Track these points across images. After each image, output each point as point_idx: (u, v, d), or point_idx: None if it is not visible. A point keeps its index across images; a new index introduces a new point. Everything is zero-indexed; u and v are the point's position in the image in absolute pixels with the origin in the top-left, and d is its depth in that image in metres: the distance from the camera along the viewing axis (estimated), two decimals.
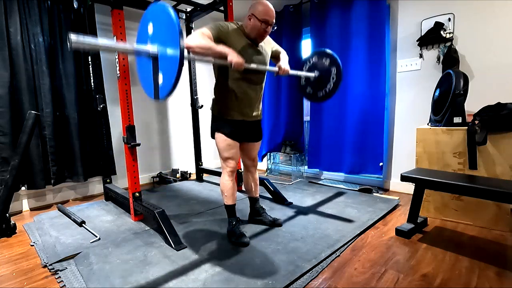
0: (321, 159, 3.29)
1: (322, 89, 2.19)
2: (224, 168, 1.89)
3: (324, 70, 2.16)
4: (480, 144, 1.91)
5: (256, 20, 1.70)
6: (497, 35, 2.26)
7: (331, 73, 2.12)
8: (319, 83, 2.19)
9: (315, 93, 2.25)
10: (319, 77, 2.18)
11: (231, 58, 1.57)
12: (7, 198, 2.12)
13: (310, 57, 2.23)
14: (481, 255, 1.65)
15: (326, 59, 2.14)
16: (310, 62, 2.22)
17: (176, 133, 3.89)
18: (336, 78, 2.10)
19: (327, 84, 2.15)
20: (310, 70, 2.22)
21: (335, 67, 2.10)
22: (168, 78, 1.24)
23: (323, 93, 2.20)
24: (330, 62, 2.12)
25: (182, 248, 1.79)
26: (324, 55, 2.15)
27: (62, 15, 2.76)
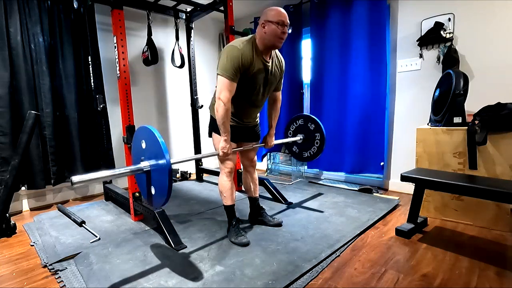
0: (321, 159, 3.28)
1: (307, 151, 2.45)
2: (222, 168, 1.89)
3: (308, 134, 2.40)
4: (480, 144, 1.91)
5: (272, 25, 1.64)
6: (497, 35, 2.26)
7: (315, 138, 2.35)
8: (304, 144, 2.45)
9: (300, 153, 2.51)
10: (304, 140, 2.43)
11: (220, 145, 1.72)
12: (7, 198, 2.12)
13: (295, 120, 2.48)
14: (481, 255, 1.65)
15: (311, 124, 2.38)
16: (296, 123, 2.47)
17: (176, 133, 3.89)
18: (320, 143, 2.35)
19: (311, 147, 2.41)
20: (297, 132, 2.47)
21: (319, 134, 2.34)
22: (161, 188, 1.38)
23: (307, 155, 2.46)
24: (315, 128, 2.36)
25: (182, 248, 1.79)
26: (309, 120, 2.38)
27: (62, 15, 2.76)
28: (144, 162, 1.44)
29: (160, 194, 1.40)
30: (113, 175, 1.41)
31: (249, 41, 1.70)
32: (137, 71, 3.44)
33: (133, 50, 3.28)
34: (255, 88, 1.76)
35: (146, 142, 1.43)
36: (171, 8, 3.14)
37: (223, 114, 1.65)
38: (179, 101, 3.85)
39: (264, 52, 1.72)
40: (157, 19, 3.48)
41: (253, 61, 1.67)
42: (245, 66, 1.65)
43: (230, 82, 1.63)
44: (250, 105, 1.84)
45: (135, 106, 2.33)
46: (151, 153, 1.40)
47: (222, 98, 1.63)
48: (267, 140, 2.05)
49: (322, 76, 3.21)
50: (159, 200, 1.42)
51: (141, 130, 1.48)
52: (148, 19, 3.03)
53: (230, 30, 2.76)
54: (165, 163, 1.31)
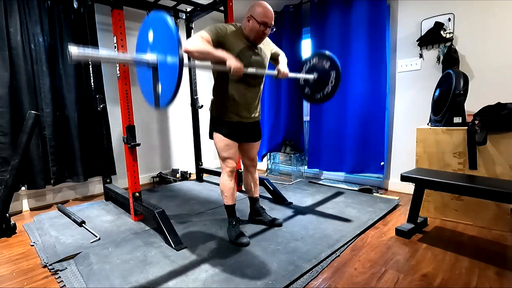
0: (321, 159, 3.29)
1: (320, 91, 2.21)
2: (224, 168, 1.88)
3: (323, 73, 2.17)
4: (480, 144, 1.91)
5: (255, 22, 1.69)
6: (497, 35, 2.26)
7: (330, 76, 2.14)
8: (317, 85, 2.21)
9: (313, 95, 2.27)
10: (318, 79, 2.19)
11: (230, 63, 1.57)
12: (7, 198, 2.12)
13: (311, 58, 2.24)
14: (481, 255, 1.65)
15: (326, 62, 2.15)
16: (310, 63, 2.23)
17: (176, 133, 3.89)
18: (335, 82, 2.12)
19: (325, 87, 2.17)
20: (310, 71, 2.22)
21: (334, 71, 2.11)
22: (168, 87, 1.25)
23: (320, 95, 2.22)
24: (331, 65, 2.13)
25: (182, 248, 1.79)
26: (325, 57, 2.16)
27: (62, 15, 2.76)
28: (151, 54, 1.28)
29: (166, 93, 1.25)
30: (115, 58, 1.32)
31: (234, 24, 1.80)
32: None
33: (133, 50, 3.28)
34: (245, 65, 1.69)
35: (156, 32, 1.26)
36: (171, 8, 3.15)
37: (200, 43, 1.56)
38: (179, 101, 3.85)
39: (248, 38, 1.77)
40: None
41: (235, 35, 1.73)
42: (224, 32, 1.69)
43: (206, 33, 1.63)
44: (245, 84, 1.79)
45: (135, 106, 2.33)
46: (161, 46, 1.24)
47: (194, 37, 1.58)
48: (279, 68, 1.89)
49: None
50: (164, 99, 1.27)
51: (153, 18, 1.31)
52: None
53: None
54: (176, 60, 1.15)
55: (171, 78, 1.21)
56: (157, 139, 3.71)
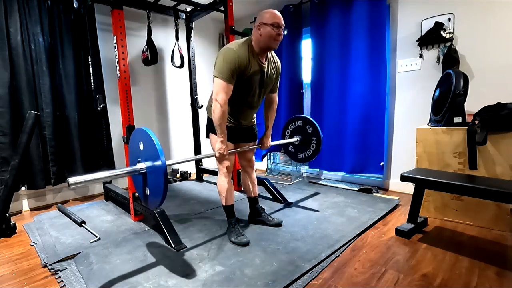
0: (321, 159, 3.28)
1: (302, 152, 2.46)
2: (220, 169, 1.89)
3: (306, 136, 2.40)
4: (480, 144, 1.91)
5: (266, 26, 1.66)
6: (497, 35, 2.26)
7: (312, 141, 2.35)
8: (300, 146, 2.46)
9: (296, 153, 2.52)
10: (301, 143, 2.43)
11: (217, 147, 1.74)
12: (7, 198, 2.12)
13: (295, 120, 2.47)
14: (481, 255, 1.65)
15: (309, 128, 2.37)
16: (295, 124, 2.47)
17: (176, 133, 3.89)
18: (316, 147, 2.35)
19: (307, 149, 2.42)
20: (294, 133, 2.47)
21: (316, 138, 2.34)
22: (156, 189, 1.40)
23: (302, 156, 2.47)
24: (313, 131, 2.35)
25: (182, 248, 1.79)
26: (308, 123, 2.37)
27: (62, 15, 2.76)
28: (140, 163, 1.45)
29: (155, 195, 1.41)
30: (109, 177, 1.41)
31: (245, 43, 1.71)
32: (137, 71, 3.44)
33: (133, 50, 3.28)
34: (251, 90, 1.78)
35: (144, 143, 1.44)
36: (171, 8, 3.14)
37: (220, 115, 1.66)
38: (179, 101, 3.85)
39: (260, 54, 1.74)
40: (157, 19, 3.48)
41: (249, 63, 1.69)
42: (241, 68, 1.66)
43: (226, 84, 1.64)
44: (246, 106, 1.86)
45: (135, 106, 2.33)
46: (148, 155, 1.42)
47: (219, 100, 1.65)
48: (264, 141, 2.05)
49: (322, 76, 3.21)
50: (154, 201, 1.44)
51: (138, 132, 1.50)
52: (148, 19, 3.03)
53: (230, 30, 2.76)
54: (161, 165, 1.33)
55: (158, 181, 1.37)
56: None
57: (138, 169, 1.44)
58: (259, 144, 2.07)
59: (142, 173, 1.45)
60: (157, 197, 1.39)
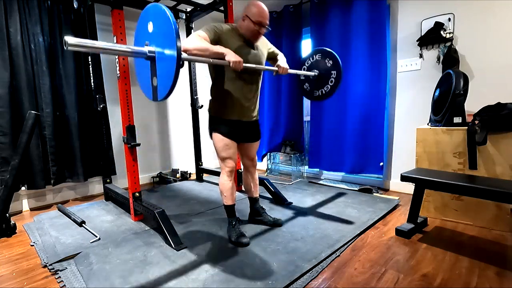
0: (321, 159, 3.29)
1: (319, 89, 2.25)
2: (223, 168, 1.89)
3: (324, 71, 2.18)
4: (480, 144, 1.91)
5: (250, 22, 1.72)
6: (497, 35, 2.26)
7: (331, 76, 2.16)
8: (317, 82, 2.23)
9: (311, 91, 2.30)
10: (318, 77, 2.22)
11: (229, 58, 1.59)
12: (7, 198, 2.12)
13: (313, 54, 2.25)
14: (481, 255, 1.65)
15: (329, 61, 2.16)
16: (313, 59, 2.25)
17: (176, 133, 3.89)
18: (335, 82, 2.14)
19: (324, 85, 2.20)
20: (312, 67, 2.23)
21: (335, 71, 2.13)
22: (166, 79, 1.25)
23: (319, 94, 2.26)
24: (332, 64, 2.15)
25: (182, 248, 1.79)
26: (328, 56, 2.17)
27: (62, 15, 2.76)
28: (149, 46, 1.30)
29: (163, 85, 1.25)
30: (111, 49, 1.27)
31: (228, 23, 1.81)
32: None
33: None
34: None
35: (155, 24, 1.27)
36: (171, 8, 3.14)
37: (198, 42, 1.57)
38: (179, 101, 3.85)
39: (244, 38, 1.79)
40: None
41: (231, 34, 1.74)
42: (221, 30, 1.71)
43: (202, 32, 1.65)
44: (243, 81, 1.80)
45: (135, 106, 2.33)
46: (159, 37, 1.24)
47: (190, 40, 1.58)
48: (279, 65, 1.91)
49: None
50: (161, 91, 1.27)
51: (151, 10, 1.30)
52: None
53: None
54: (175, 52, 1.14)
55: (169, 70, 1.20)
56: (157, 139, 3.71)
57: (146, 51, 1.26)
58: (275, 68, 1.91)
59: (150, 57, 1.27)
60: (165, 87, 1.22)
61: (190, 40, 1.59)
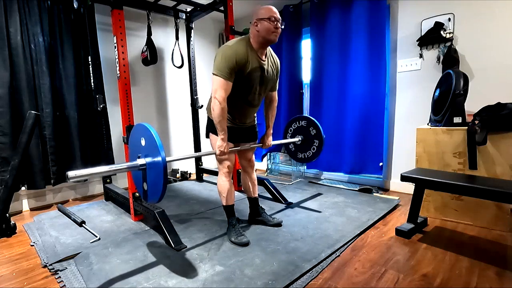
0: (321, 159, 3.28)
1: (302, 153, 2.46)
2: (220, 169, 1.89)
3: (308, 138, 2.39)
4: (480, 144, 1.91)
5: (264, 21, 1.68)
6: (497, 35, 2.26)
7: (313, 143, 2.34)
8: (301, 146, 2.45)
9: (296, 152, 2.51)
10: (302, 141, 2.42)
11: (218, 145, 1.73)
12: (7, 198, 2.12)
13: (300, 120, 2.44)
14: (481, 255, 1.65)
15: (312, 130, 2.36)
16: (299, 123, 2.45)
17: (176, 133, 3.89)
18: (317, 149, 2.35)
19: (307, 150, 2.41)
20: (297, 131, 2.45)
21: (318, 141, 2.33)
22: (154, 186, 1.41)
23: (302, 156, 2.47)
24: (316, 134, 2.34)
25: (182, 248, 1.79)
26: (312, 125, 2.36)
27: (62, 15, 2.76)
28: (140, 159, 1.45)
29: (154, 191, 1.40)
30: (108, 171, 1.41)
31: (243, 40, 1.73)
32: (137, 71, 3.44)
33: (133, 50, 3.28)
34: (252, 87, 1.77)
35: (145, 139, 1.44)
36: (171, 8, 3.14)
37: (219, 113, 1.66)
38: (179, 101, 3.85)
39: (259, 51, 1.74)
40: (157, 19, 3.48)
41: (247, 59, 1.69)
42: (239, 64, 1.66)
43: (225, 81, 1.64)
44: (246, 104, 1.85)
45: (135, 106, 2.33)
46: (148, 150, 1.42)
47: (218, 97, 1.64)
48: (265, 140, 2.04)
49: (322, 76, 3.21)
50: (152, 196, 1.44)
51: (139, 127, 1.49)
52: (148, 19, 3.03)
53: (230, 30, 2.76)
54: (160, 161, 1.32)
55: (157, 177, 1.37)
56: None
57: (138, 164, 1.44)
58: (260, 143, 2.06)
59: (142, 168, 1.45)
60: (156, 193, 1.39)
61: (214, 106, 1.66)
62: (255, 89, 1.79)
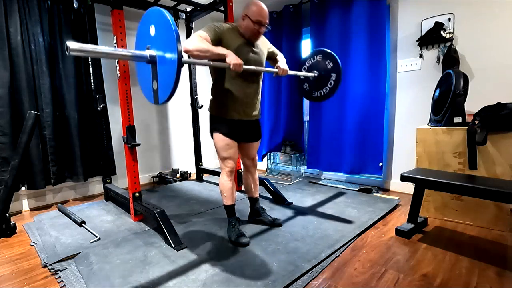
0: (321, 159, 3.28)
1: (317, 90, 2.25)
2: (223, 168, 1.89)
3: (324, 73, 2.18)
4: (480, 144, 1.91)
5: (249, 21, 1.72)
6: (497, 35, 2.26)
7: (330, 78, 2.16)
8: (316, 83, 2.23)
9: (310, 91, 2.31)
10: (318, 79, 2.22)
11: (230, 60, 1.59)
12: (7, 198, 2.12)
13: (314, 54, 2.25)
14: (481, 255, 1.65)
15: (329, 63, 2.16)
16: (314, 59, 2.24)
17: (176, 133, 3.89)
18: (334, 84, 2.15)
19: (323, 87, 2.21)
20: (312, 68, 2.23)
21: (335, 74, 2.14)
22: (167, 83, 1.25)
23: (317, 94, 2.27)
24: (333, 67, 2.15)
25: (182, 248, 1.79)
26: (329, 57, 2.17)
27: (62, 15, 2.76)
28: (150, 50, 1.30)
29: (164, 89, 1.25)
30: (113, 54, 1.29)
31: (231, 24, 1.80)
32: None
33: (133, 49, 3.28)
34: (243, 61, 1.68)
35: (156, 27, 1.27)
36: (171, 8, 3.15)
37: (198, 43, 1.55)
38: (179, 101, 3.85)
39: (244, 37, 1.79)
40: None
41: (231, 33, 1.73)
42: (221, 30, 1.71)
43: (203, 32, 1.65)
44: (244, 80, 1.79)
45: (135, 106, 2.33)
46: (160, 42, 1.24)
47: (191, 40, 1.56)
48: (279, 67, 1.90)
49: None
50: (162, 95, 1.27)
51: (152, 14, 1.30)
52: None
53: None
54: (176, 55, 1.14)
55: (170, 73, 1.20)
56: (157, 139, 3.71)
57: (147, 55, 1.26)
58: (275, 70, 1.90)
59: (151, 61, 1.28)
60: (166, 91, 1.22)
61: (191, 40, 1.58)
62: (247, 62, 1.73)
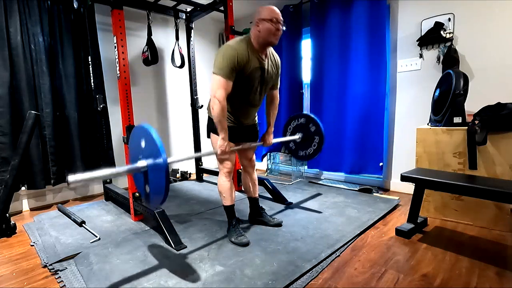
0: (320, 159, 3.28)
1: (303, 150, 2.41)
2: (221, 169, 1.89)
3: (308, 135, 2.33)
4: (480, 144, 1.91)
5: (265, 22, 1.68)
6: (497, 35, 2.26)
7: (314, 140, 2.30)
8: (301, 144, 2.40)
9: (296, 150, 2.47)
10: (302, 141, 2.37)
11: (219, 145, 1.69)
12: (7, 198, 2.12)
13: (298, 117, 2.40)
14: (481, 255, 1.65)
15: (312, 126, 2.32)
16: (298, 121, 2.40)
17: (176, 133, 3.89)
18: (317, 146, 2.29)
19: (308, 148, 2.37)
20: (296, 129, 2.40)
21: (318, 137, 2.28)
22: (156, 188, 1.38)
23: (303, 154, 2.42)
24: (316, 130, 2.30)
25: (182, 248, 1.79)
26: (311, 121, 2.31)
27: (62, 15, 2.77)
28: (141, 161, 1.42)
29: (157, 193, 1.38)
30: (109, 175, 1.38)
31: (244, 40, 1.72)
32: (137, 71, 3.44)
33: (133, 50, 3.28)
34: (252, 87, 1.77)
35: (145, 141, 1.42)
36: (171, 8, 3.14)
37: (219, 112, 1.64)
38: (179, 101, 3.85)
39: (259, 51, 1.74)
40: (157, 19, 3.48)
41: (248, 59, 1.68)
42: (240, 64, 1.65)
43: (226, 80, 1.63)
44: (248, 104, 1.85)
45: (135, 106, 2.33)
46: (149, 152, 1.39)
47: (218, 96, 1.63)
48: (266, 138, 2.03)
49: (322, 76, 3.21)
50: (155, 199, 1.41)
51: (139, 128, 1.47)
52: (148, 19, 3.03)
53: (230, 30, 2.76)
54: (162, 163, 1.29)
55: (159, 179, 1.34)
56: None
57: (139, 167, 1.41)
58: (261, 142, 2.04)
59: (143, 171, 1.43)
60: (159, 195, 1.36)
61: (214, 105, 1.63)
62: (256, 89, 1.79)
